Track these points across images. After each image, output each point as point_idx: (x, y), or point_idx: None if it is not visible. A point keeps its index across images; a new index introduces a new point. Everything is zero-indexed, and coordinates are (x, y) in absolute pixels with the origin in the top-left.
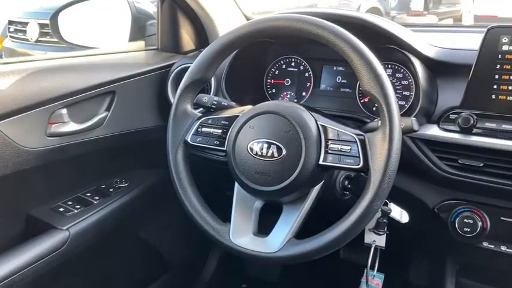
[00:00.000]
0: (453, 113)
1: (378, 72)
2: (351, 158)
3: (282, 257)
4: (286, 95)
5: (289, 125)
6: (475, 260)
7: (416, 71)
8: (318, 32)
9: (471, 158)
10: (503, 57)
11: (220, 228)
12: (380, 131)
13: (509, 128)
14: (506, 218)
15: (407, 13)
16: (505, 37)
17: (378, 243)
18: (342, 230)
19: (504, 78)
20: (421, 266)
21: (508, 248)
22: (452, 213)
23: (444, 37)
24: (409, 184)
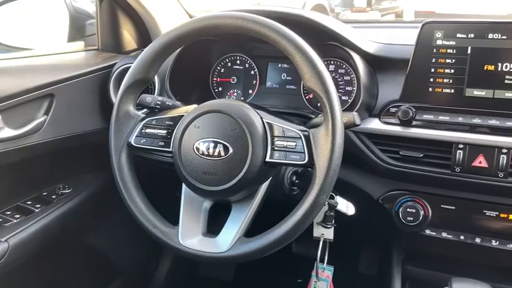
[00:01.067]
0: (393, 106)
1: (319, 69)
2: (296, 154)
3: (231, 256)
4: (233, 93)
5: (235, 123)
6: (419, 248)
7: (357, 66)
8: (260, 29)
9: (411, 149)
10: (438, 51)
11: (169, 231)
12: (323, 127)
13: (445, 119)
14: (446, 205)
15: (351, 9)
16: (438, 32)
17: (326, 236)
18: (289, 225)
19: (439, 71)
20: (369, 256)
21: (448, 234)
22: (396, 203)
23: (386, 32)
24: (355, 177)
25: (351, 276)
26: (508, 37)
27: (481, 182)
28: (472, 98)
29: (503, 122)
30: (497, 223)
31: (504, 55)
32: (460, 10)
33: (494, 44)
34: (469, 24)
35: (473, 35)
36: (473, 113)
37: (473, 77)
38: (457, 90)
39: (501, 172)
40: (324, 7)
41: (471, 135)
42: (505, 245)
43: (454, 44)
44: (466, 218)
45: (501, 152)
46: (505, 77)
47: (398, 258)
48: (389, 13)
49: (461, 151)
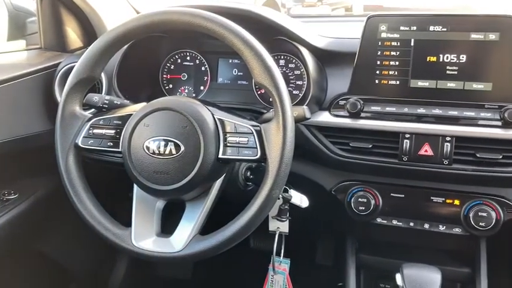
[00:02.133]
0: (342, 99)
1: (268, 64)
2: (249, 149)
3: (187, 255)
4: (184, 90)
5: (186, 120)
6: (371, 236)
7: (305, 61)
8: (207, 25)
9: (361, 141)
10: (383, 44)
11: (121, 233)
12: (274, 121)
13: (392, 110)
14: (395, 194)
15: (302, 4)
16: (383, 25)
17: (281, 229)
18: (244, 221)
19: (385, 64)
20: (325, 246)
21: (398, 221)
22: (348, 194)
23: (335, 27)
24: (307, 169)
25: (308, 267)
26: (448, 29)
27: (428, 170)
28: (417, 89)
29: (446, 111)
30: (443, 209)
31: (445, 47)
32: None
33: (435, 36)
34: (412, 17)
35: (416, 27)
36: (418, 104)
37: (417, 68)
38: (402, 82)
39: (446, 159)
40: (276, 2)
41: (417, 125)
42: (451, 229)
43: (398, 37)
44: (415, 205)
45: (445, 140)
46: (446, 68)
47: (353, 248)
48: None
49: (407, 140)
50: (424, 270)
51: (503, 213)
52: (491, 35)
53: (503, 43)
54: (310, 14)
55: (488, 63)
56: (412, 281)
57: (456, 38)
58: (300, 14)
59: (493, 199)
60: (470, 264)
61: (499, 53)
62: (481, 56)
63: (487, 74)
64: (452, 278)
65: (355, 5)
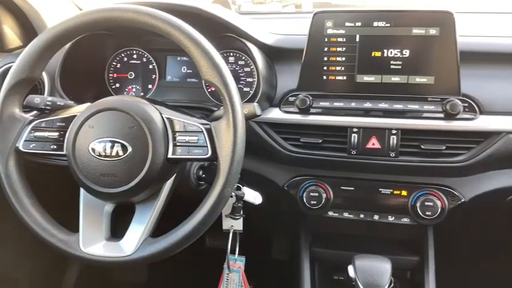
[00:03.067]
0: (292, 95)
1: (216, 61)
2: (199, 148)
3: (138, 258)
4: (132, 89)
5: (132, 120)
6: (324, 229)
7: (254, 58)
8: (152, 22)
9: (311, 136)
10: (329, 40)
11: (68, 239)
12: (224, 119)
13: (340, 105)
14: (345, 187)
15: (253, 1)
16: (328, 21)
17: (235, 227)
18: (196, 221)
19: (331, 59)
20: (281, 242)
21: (349, 214)
22: (300, 189)
23: (284, 23)
24: (260, 166)
25: (264, 263)
26: (391, 25)
27: (375, 163)
28: (363, 84)
29: (392, 105)
30: (391, 200)
31: (388, 42)
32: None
33: (379, 31)
34: (356, 13)
35: (361, 23)
36: (365, 98)
37: (362, 63)
38: (349, 77)
39: (392, 152)
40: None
41: (364, 119)
42: (400, 219)
43: (343, 33)
44: (364, 197)
45: (391, 133)
46: (390, 63)
47: (306, 242)
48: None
49: (355, 134)
50: (375, 261)
51: (448, 202)
52: (432, 30)
53: (443, 38)
54: (260, 11)
55: (430, 58)
56: (363, 271)
57: (399, 33)
58: (251, 11)
59: (438, 189)
60: (419, 252)
61: (439, 47)
62: (423, 51)
63: (429, 68)
64: (403, 267)
65: (304, 2)
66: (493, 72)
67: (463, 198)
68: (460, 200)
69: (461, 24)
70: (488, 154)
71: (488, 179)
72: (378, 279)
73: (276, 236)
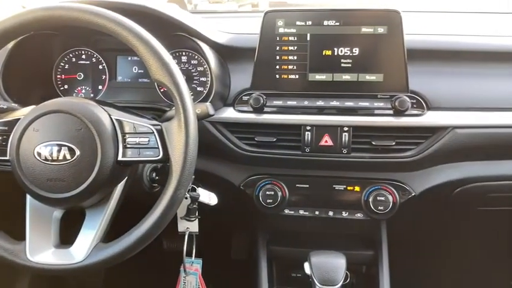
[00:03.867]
0: (245, 94)
1: (165, 61)
2: (150, 149)
3: (89, 264)
4: (81, 90)
5: (80, 122)
6: (281, 227)
7: (207, 57)
8: (98, 21)
9: (265, 135)
10: (281, 39)
11: (13, 248)
12: (175, 120)
13: (293, 104)
14: (300, 184)
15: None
16: (280, 20)
17: (191, 229)
18: (149, 225)
19: (283, 58)
20: (239, 241)
21: (305, 211)
22: (256, 188)
23: (240, 22)
24: (215, 166)
25: (223, 264)
26: (341, 23)
27: (329, 160)
28: (315, 82)
29: (343, 103)
30: (345, 195)
31: (339, 40)
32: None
33: (329, 30)
34: (307, 12)
35: (311, 22)
36: (317, 96)
37: (314, 62)
38: (301, 76)
39: (344, 149)
40: None
41: (317, 117)
42: (354, 215)
43: (294, 32)
44: (319, 194)
45: (343, 131)
46: (341, 61)
47: (263, 240)
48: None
49: (309, 132)
50: (330, 257)
51: (399, 196)
52: (380, 28)
53: (391, 36)
54: (217, 10)
55: (379, 56)
56: (319, 268)
57: (348, 32)
58: (207, 10)
59: (390, 183)
60: (373, 246)
61: (387, 45)
62: (371, 49)
63: (378, 65)
64: (358, 261)
65: (261, 1)
66: (439, 69)
67: (413, 192)
68: (411, 194)
69: (409, 23)
70: (436, 148)
71: (436, 173)
72: (333, 275)
73: (235, 236)
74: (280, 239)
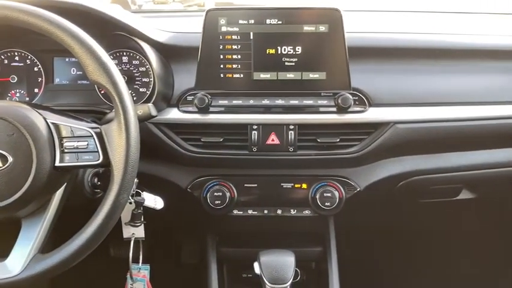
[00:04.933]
0: (190, 94)
1: (102, 61)
2: (89, 154)
3: (27, 277)
4: (15, 94)
5: (12, 127)
6: (230, 228)
7: (148, 56)
8: (30, 20)
9: (212, 135)
10: (224, 38)
11: None
12: (115, 122)
13: (239, 103)
14: (248, 184)
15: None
16: (222, 19)
17: (137, 235)
18: (90, 232)
19: (227, 57)
20: (190, 245)
21: (254, 210)
22: (204, 189)
23: (188, 22)
24: (160, 169)
25: (173, 269)
26: (283, 22)
27: (276, 158)
28: (260, 81)
29: (288, 101)
30: (293, 193)
31: (282, 39)
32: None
33: (272, 28)
34: (249, 10)
35: (254, 20)
36: (263, 95)
37: (258, 61)
38: (246, 75)
39: (291, 147)
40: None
41: (263, 116)
42: (302, 212)
43: (237, 30)
44: (267, 193)
45: (289, 129)
46: (284, 60)
47: (213, 243)
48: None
49: (255, 132)
50: (279, 256)
51: (345, 191)
52: (322, 26)
53: (332, 34)
54: (162, 10)
55: (321, 54)
56: (268, 267)
57: (291, 30)
58: (152, 10)
59: (336, 180)
60: (322, 242)
61: (329, 43)
62: (314, 47)
63: (321, 64)
64: (308, 258)
65: (207, 1)
66: (380, 67)
67: (358, 188)
68: (356, 189)
69: (354, 21)
70: (378, 144)
71: (380, 168)
72: (282, 274)
73: (184, 239)
74: (230, 240)
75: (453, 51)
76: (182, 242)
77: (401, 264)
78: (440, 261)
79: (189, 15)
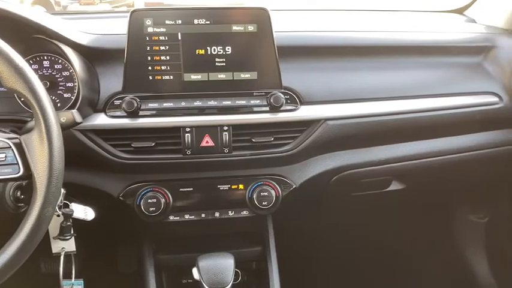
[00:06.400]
0: (117, 98)
1: (18, 66)
2: (8, 166)
3: None
4: None
5: None
6: (168, 235)
7: (70, 60)
8: None
9: (143, 140)
10: (151, 39)
11: None
12: (36, 131)
13: (170, 106)
14: (184, 188)
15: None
16: (148, 19)
17: (67, 248)
18: (13, 250)
19: (156, 59)
20: (127, 254)
21: (191, 215)
22: (137, 197)
23: (116, 23)
24: (90, 178)
25: (110, 280)
26: (212, 22)
27: (211, 160)
28: (191, 83)
29: (221, 102)
30: (230, 195)
31: (211, 39)
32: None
33: (200, 29)
34: (176, 10)
35: (181, 21)
36: (194, 97)
37: (188, 62)
38: (176, 76)
39: (226, 148)
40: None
41: (196, 118)
42: (240, 213)
43: (164, 31)
44: (204, 196)
45: (223, 130)
46: (215, 60)
47: (150, 250)
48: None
49: (189, 134)
50: (217, 259)
51: (281, 190)
52: (250, 26)
53: (261, 34)
54: (88, 11)
55: (251, 54)
56: (207, 271)
57: (220, 30)
58: (78, 11)
59: (272, 178)
60: (262, 242)
61: (258, 43)
62: (244, 47)
63: (252, 63)
64: (248, 259)
65: (137, 2)
66: (310, 65)
67: (294, 185)
68: (292, 187)
69: (280, 21)
70: (311, 141)
71: (314, 164)
72: (222, 277)
73: (120, 249)
74: (168, 246)
75: (379, 48)
76: (118, 251)
77: (340, 259)
78: (377, 254)
79: (118, 16)
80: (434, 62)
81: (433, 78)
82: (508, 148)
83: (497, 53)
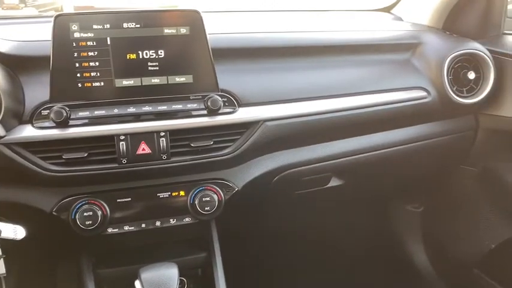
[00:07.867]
0: (45, 108)
1: None
2: None
3: None
4: None
5: None
6: (107, 248)
7: None
8: None
9: (74, 151)
10: (78, 45)
11: None
12: None
13: (102, 114)
14: (121, 199)
15: (2, 7)
16: (74, 24)
17: None
18: None
19: (84, 65)
20: (66, 270)
21: (130, 226)
22: (72, 211)
23: (41, 29)
24: (18, 194)
25: None
26: (142, 25)
27: (149, 168)
28: (123, 88)
29: (156, 107)
30: (171, 202)
31: (142, 43)
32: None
33: (130, 33)
34: (104, 14)
35: (110, 25)
36: (128, 103)
37: (119, 67)
38: (106, 83)
39: (164, 154)
40: None
41: (130, 125)
42: (182, 220)
43: (92, 36)
44: (143, 205)
45: (160, 136)
46: (147, 64)
47: (89, 265)
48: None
49: (123, 142)
50: (160, 269)
51: (224, 193)
52: (183, 29)
53: (194, 36)
54: (12, 16)
55: (185, 57)
56: (150, 283)
57: (151, 33)
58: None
59: (213, 183)
60: (206, 247)
61: (192, 46)
62: (177, 50)
63: (186, 66)
64: (193, 266)
65: (65, 5)
66: (246, 67)
67: (236, 188)
68: (234, 190)
69: (214, 23)
70: (251, 143)
71: (255, 166)
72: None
73: (61, 266)
74: (108, 259)
75: (312, 48)
76: (58, 268)
77: (287, 258)
78: (322, 250)
79: (44, 21)
80: (365, 60)
81: (365, 75)
82: (439, 139)
83: (424, 49)
